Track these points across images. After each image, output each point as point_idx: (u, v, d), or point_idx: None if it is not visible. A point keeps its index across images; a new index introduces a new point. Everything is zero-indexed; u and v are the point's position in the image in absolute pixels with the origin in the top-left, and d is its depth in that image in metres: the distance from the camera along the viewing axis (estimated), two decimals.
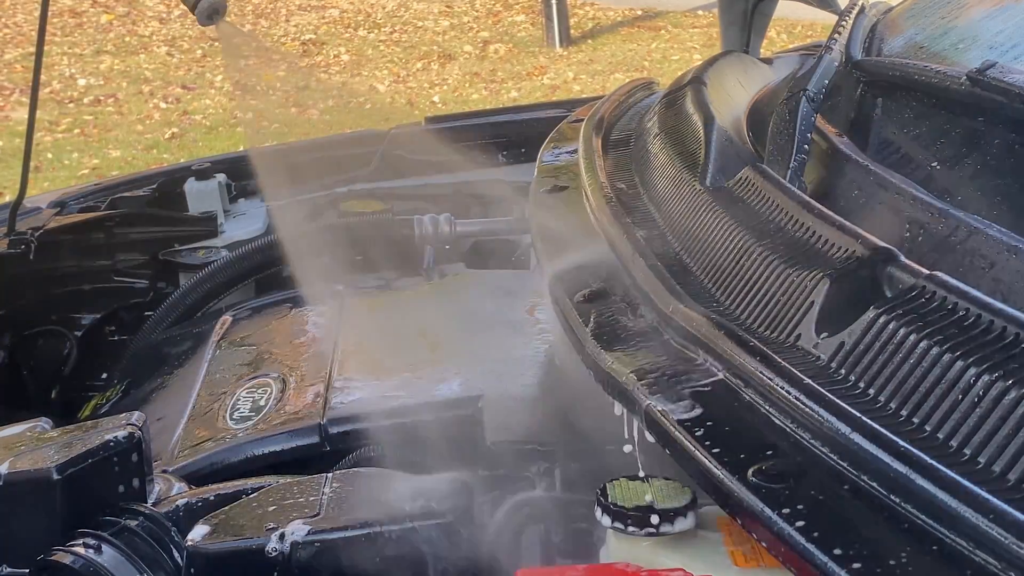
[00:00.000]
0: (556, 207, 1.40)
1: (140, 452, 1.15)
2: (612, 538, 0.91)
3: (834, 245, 0.93)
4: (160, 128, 6.71)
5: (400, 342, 1.60)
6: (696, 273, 1.08)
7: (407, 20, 9.43)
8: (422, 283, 1.92)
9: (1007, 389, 0.70)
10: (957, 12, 1.38)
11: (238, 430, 1.42)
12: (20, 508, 1.08)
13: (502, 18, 9.24)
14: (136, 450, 1.14)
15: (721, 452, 0.79)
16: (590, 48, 8.24)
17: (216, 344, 1.73)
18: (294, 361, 1.58)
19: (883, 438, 0.71)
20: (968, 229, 0.93)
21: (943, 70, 1.12)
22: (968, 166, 1.05)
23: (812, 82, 1.28)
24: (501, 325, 1.60)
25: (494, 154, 2.43)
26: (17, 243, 1.94)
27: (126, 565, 1.04)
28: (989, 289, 0.86)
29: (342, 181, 2.41)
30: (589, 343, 1.01)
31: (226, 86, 7.62)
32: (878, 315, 0.81)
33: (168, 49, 8.67)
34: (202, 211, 2.26)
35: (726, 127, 1.38)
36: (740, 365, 0.85)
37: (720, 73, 1.66)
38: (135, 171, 3.21)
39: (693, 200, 1.18)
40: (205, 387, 1.59)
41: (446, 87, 7.52)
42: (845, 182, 1.13)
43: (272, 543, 1.02)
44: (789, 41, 7.33)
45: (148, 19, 9.59)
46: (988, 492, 0.65)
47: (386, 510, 1.05)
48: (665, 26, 8.61)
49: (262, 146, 2.71)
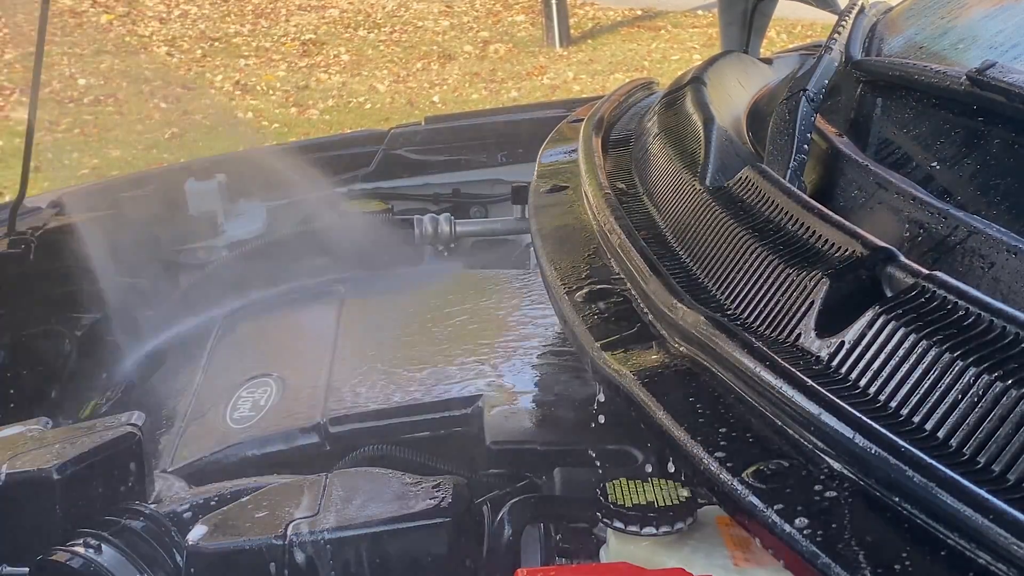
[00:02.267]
0: (556, 207, 1.40)
1: (140, 452, 1.15)
2: (612, 538, 0.91)
3: (834, 245, 0.93)
4: (160, 128, 6.71)
5: (400, 342, 1.60)
6: (696, 273, 1.08)
7: (407, 20, 9.43)
8: (422, 282, 1.93)
9: (1007, 389, 0.70)
10: (957, 12, 1.38)
11: (238, 430, 1.42)
12: (20, 508, 1.08)
13: (502, 18, 9.24)
14: (136, 450, 1.14)
15: (721, 451, 0.79)
16: (590, 48, 8.24)
17: (216, 344, 1.73)
18: (294, 361, 1.58)
19: (883, 438, 0.71)
20: (968, 229, 0.93)
21: (943, 70, 1.12)
22: (968, 166, 1.05)
23: (812, 82, 1.28)
24: (501, 325, 1.60)
25: (494, 154, 2.43)
26: (17, 243, 1.94)
27: (126, 565, 1.04)
28: (989, 289, 0.86)
29: (342, 181, 2.42)
30: (589, 342, 1.01)
31: (226, 86, 7.63)
32: (878, 315, 0.81)
33: (168, 49, 8.67)
34: (202, 211, 2.26)
35: (726, 127, 1.38)
36: (740, 365, 0.85)
37: (720, 73, 1.66)
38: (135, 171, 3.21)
39: (693, 200, 1.18)
40: (205, 387, 1.59)
41: (446, 87, 7.52)
42: (845, 182, 1.13)
43: (272, 543, 1.02)
44: (789, 41, 7.34)
45: (148, 19, 9.59)
46: (988, 492, 0.65)
47: (386, 510, 1.05)
48: (665, 26, 8.61)
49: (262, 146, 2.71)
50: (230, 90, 7.57)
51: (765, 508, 0.72)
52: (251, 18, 9.66)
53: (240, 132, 6.47)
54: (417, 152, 2.43)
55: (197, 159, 2.48)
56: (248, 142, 6.30)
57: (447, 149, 2.44)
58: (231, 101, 7.28)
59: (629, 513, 0.87)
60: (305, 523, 1.04)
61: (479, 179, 2.45)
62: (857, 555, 0.66)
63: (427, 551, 1.02)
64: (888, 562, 0.65)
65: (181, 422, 1.50)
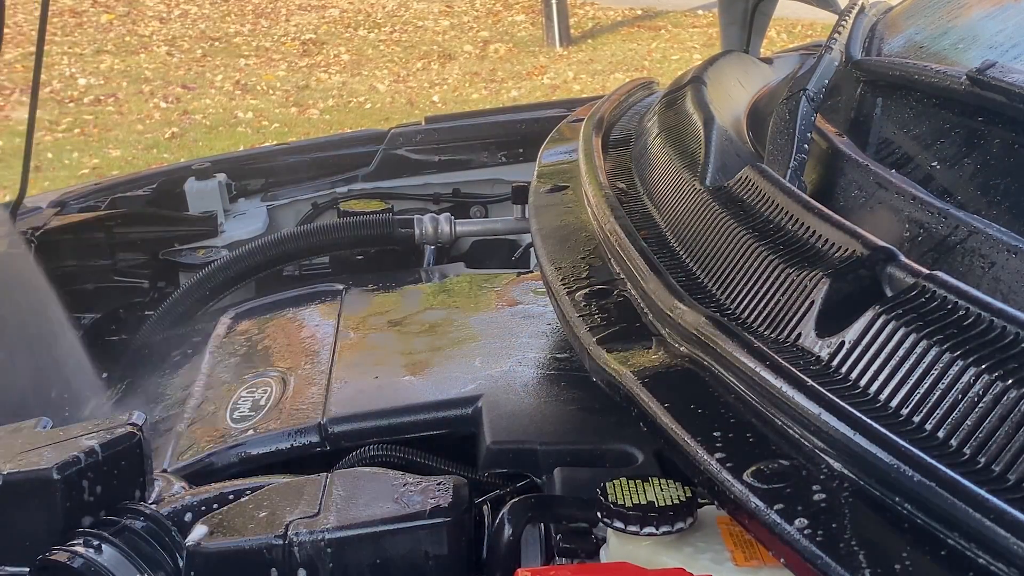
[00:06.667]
0: (556, 207, 1.40)
1: (140, 452, 1.15)
2: (612, 538, 0.91)
3: (834, 245, 0.92)
4: (160, 128, 6.71)
5: (400, 342, 1.60)
6: (696, 272, 1.08)
7: (407, 20, 9.43)
8: (422, 283, 1.93)
9: (1007, 389, 0.70)
10: (957, 12, 1.38)
11: (238, 430, 1.42)
12: (20, 508, 1.08)
13: (502, 18, 9.25)
14: (136, 450, 1.14)
15: (721, 452, 0.79)
16: (590, 48, 8.25)
17: (216, 344, 1.73)
18: (294, 361, 1.58)
19: (883, 437, 0.71)
20: (968, 229, 0.93)
21: (943, 70, 1.12)
22: (968, 166, 1.05)
23: (812, 82, 1.28)
24: (501, 325, 1.60)
25: (494, 154, 2.44)
26: (17, 243, 1.94)
27: (126, 565, 1.04)
28: (989, 289, 0.86)
29: (342, 181, 2.42)
30: (589, 343, 1.01)
31: (226, 86, 7.63)
32: (878, 315, 0.81)
33: (168, 49, 8.68)
34: (202, 211, 2.26)
35: (726, 127, 1.38)
36: (740, 364, 0.85)
37: (720, 73, 1.66)
38: (135, 171, 3.21)
39: (693, 200, 1.18)
40: (205, 387, 1.59)
41: (446, 87, 7.52)
42: (845, 182, 1.13)
43: (272, 543, 1.02)
44: (789, 41, 7.35)
45: (148, 19, 9.60)
46: (988, 492, 0.65)
47: (386, 510, 1.05)
48: (665, 26, 8.62)
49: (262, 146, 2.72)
50: (230, 90, 7.57)
51: (765, 508, 0.72)
52: (251, 18, 9.67)
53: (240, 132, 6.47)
54: (417, 152, 2.43)
55: (197, 159, 2.48)
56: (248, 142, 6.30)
57: (447, 149, 2.44)
58: (231, 101, 7.28)
59: (629, 513, 0.87)
60: (305, 523, 1.04)
61: (479, 179, 2.45)
62: (857, 555, 0.66)
63: (427, 551, 1.02)
64: (888, 562, 0.65)
65: (181, 422, 1.50)
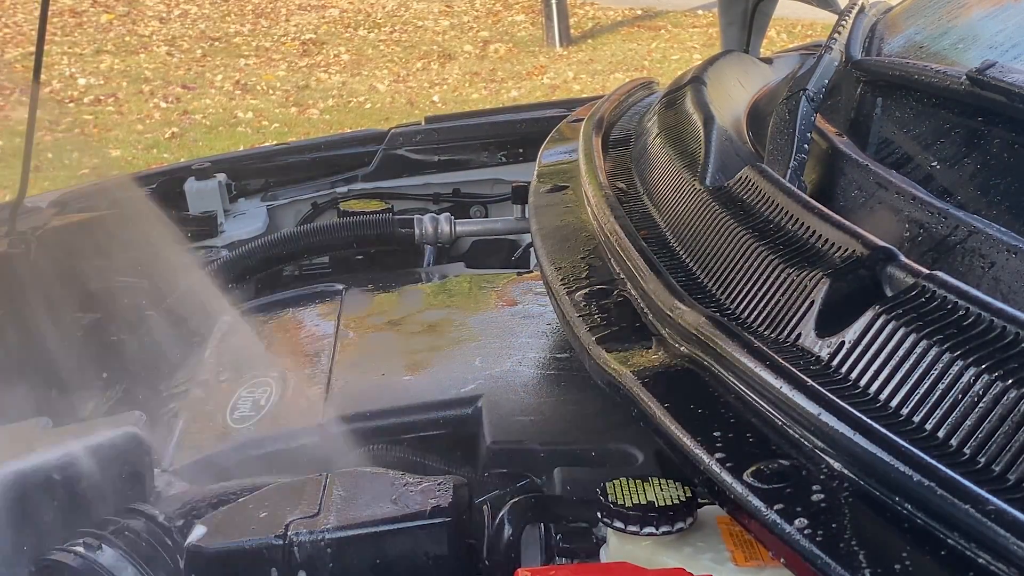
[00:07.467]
0: (556, 207, 1.40)
1: (140, 452, 1.15)
2: (612, 538, 0.91)
3: (834, 245, 0.92)
4: (160, 128, 6.71)
5: (400, 342, 1.60)
6: (696, 272, 1.08)
7: (407, 20, 9.44)
8: (422, 283, 1.93)
9: (1007, 389, 0.70)
10: (957, 12, 1.38)
11: (238, 430, 1.42)
12: (20, 508, 1.08)
13: (502, 18, 9.25)
14: (136, 450, 1.14)
15: (721, 451, 0.79)
16: (590, 48, 8.25)
17: (217, 344, 1.73)
18: (294, 361, 1.58)
19: (883, 437, 0.71)
20: (968, 229, 0.93)
21: (943, 70, 1.12)
22: (968, 166, 1.05)
23: (812, 82, 1.28)
24: (501, 325, 1.60)
25: (494, 154, 2.43)
26: (17, 243, 1.94)
27: (126, 565, 1.04)
28: (989, 289, 0.86)
29: (342, 181, 2.42)
30: (589, 343, 1.01)
31: (226, 86, 7.63)
32: (878, 315, 0.81)
33: (168, 49, 8.68)
34: (202, 211, 2.26)
35: (726, 127, 1.38)
36: (740, 364, 0.85)
37: (720, 73, 1.66)
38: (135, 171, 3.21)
39: (693, 199, 1.18)
40: (205, 387, 1.59)
41: (446, 87, 7.52)
42: (845, 182, 1.13)
43: (272, 543, 1.02)
44: (789, 41, 7.35)
45: (148, 19, 9.60)
46: (988, 492, 0.65)
47: (386, 510, 1.05)
48: (665, 26, 8.62)
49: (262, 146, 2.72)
50: (230, 90, 7.57)
51: (765, 508, 0.72)
52: (251, 18, 9.67)
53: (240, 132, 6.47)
54: (417, 152, 2.43)
55: (197, 159, 2.48)
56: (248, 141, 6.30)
57: (447, 149, 2.44)
58: (231, 101, 7.28)
59: (629, 513, 0.87)
60: (305, 523, 1.04)
61: (479, 179, 2.45)
62: (857, 555, 0.66)
63: (427, 551, 1.02)
64: (888, 562, 0.65)
65: (181, 422, 1.50)
